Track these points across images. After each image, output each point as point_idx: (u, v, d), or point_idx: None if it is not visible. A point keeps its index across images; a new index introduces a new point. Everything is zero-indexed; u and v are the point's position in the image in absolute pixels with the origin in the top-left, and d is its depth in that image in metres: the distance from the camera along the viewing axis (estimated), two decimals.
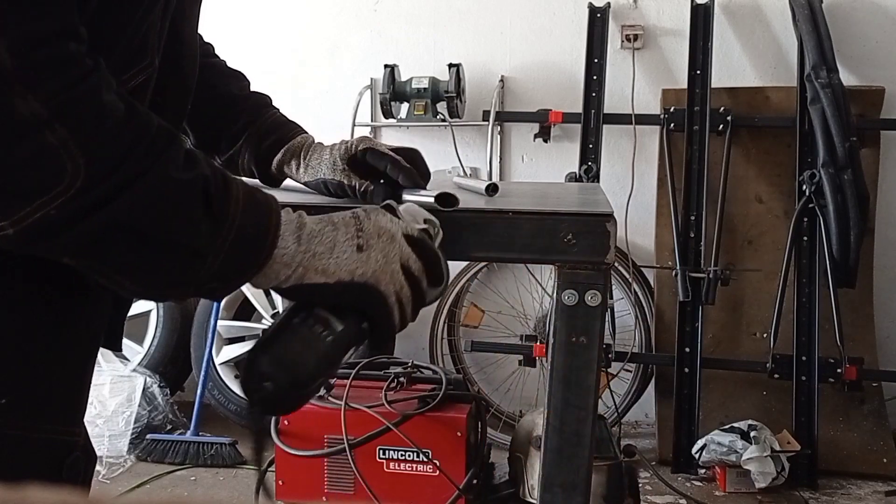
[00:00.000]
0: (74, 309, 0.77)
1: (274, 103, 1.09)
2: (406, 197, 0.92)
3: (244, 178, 0.88)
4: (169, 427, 3.17)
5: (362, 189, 0.97)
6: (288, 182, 1.06)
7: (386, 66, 3.35)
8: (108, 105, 0.64)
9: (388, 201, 0.85)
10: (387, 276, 0.75)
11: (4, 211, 0.61)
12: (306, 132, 1.06)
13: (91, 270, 0.68)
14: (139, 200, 0.64)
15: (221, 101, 1.03)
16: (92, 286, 0.75)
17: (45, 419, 0.75)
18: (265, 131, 1.04)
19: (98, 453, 3.43)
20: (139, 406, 3.13)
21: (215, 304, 3.19)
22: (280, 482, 2.31)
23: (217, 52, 1.10)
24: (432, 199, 0.88)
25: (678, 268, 3.04)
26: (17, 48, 0.59)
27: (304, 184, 1.02)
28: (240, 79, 1.08)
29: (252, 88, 1.09)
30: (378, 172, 0.96)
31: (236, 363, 3.37)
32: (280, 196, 0.77)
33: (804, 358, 2.98)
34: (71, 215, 0.62)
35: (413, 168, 0.95)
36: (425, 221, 0.84)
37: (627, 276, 3.21)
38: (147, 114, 0.68)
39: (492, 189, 1.09)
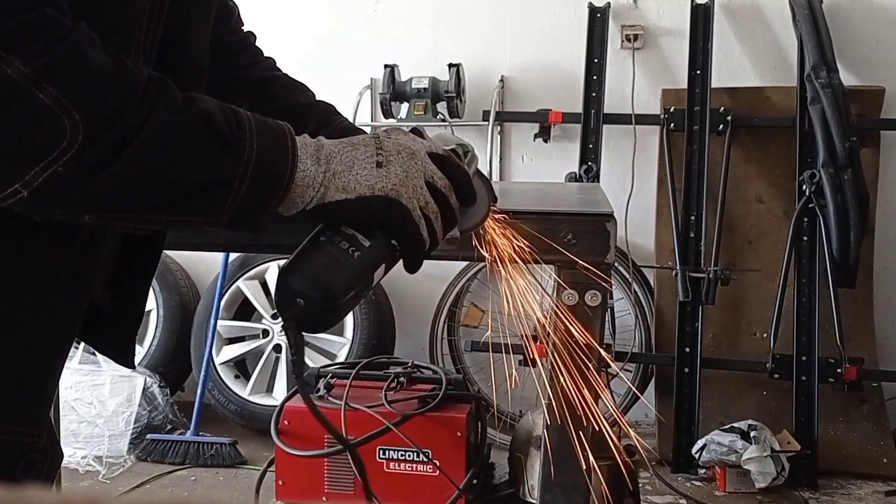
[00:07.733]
0: (34, 305, 0.74)
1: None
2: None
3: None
4: (169, 427, 3.16)
5: None
6: None
7: (386, 66, 3.35)
8: (93, 60, 0.65)
9: (415, 126, 0.84)
10: (408, 189, 0.76)
11: (14, 174, 0.63)
12: None
13: (117, 221, 0.70)
14: (145, 149, 0.66)
15: (290, 110, 1.04)
16: (61, 281, 0.74)
17: None
18: (336, 137, 1.05)
19: (98, 453, 3.40)
20: (139, 406, 3.13)
21: (215, 304, 3.19)
22: (280, 482, 2.31)
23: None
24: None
25: (678, 268, 3.04)
26: None
27: None
28: (303, 90, 1.10)
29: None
30: None
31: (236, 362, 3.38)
32: None
33: (804, 358, 2.97)
34: (80, 172, 0.64)
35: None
36: (457, 145, 0.85)
37: (627, 276, 3.21)
38: (137, 66, 0.69)
39: None
